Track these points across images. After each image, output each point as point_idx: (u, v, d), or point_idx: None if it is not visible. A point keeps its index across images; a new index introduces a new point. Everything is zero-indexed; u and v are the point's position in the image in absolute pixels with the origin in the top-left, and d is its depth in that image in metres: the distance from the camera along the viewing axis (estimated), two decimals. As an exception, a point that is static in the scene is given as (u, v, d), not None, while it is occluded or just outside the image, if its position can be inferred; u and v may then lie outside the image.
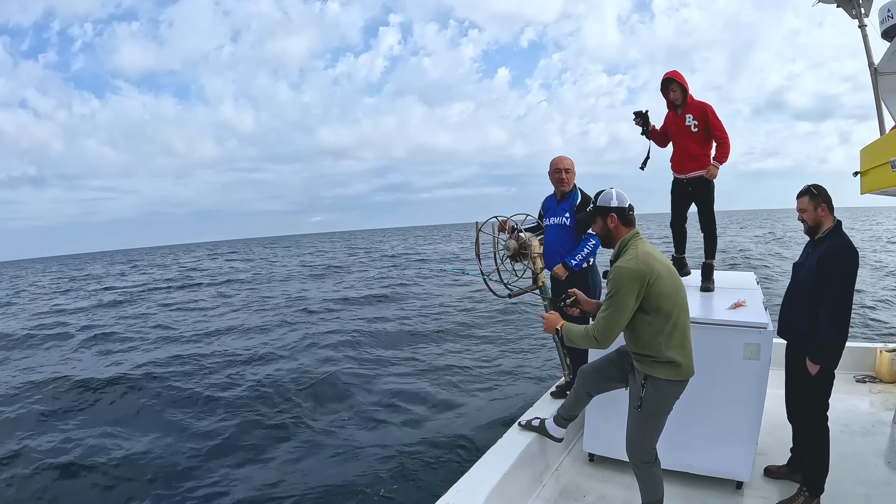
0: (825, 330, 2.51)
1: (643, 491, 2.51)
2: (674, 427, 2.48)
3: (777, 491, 2.85)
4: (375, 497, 4.52)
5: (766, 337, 2.71)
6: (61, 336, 13.29)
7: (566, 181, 3.56)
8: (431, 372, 8.21)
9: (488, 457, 2.89)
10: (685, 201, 3.82)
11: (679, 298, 2.33)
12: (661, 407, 2.38)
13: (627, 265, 2.24)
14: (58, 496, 4.99)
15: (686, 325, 2.36)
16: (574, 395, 2.83)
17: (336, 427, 6.19)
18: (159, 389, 7.77)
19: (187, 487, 4.91)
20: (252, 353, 9.73)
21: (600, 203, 2.44)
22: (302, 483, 4.84)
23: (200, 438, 5.99)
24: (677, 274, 2.42)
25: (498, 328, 11.16)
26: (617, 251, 2.40)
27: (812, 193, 2.64)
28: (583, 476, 3.15)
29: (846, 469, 2.97)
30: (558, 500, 2.93)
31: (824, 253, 2.54)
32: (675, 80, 3.62)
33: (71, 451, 5.77)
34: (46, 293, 27.78)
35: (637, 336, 2.32)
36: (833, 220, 2.64)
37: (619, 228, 2.40)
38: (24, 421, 6.96)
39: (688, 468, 2.92)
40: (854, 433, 3.48)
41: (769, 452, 3.14)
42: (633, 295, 2.21)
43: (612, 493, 2.95)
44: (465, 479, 2.67)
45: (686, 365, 2.33)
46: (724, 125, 3.59)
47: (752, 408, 2.75)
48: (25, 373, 9.59)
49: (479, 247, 3.82)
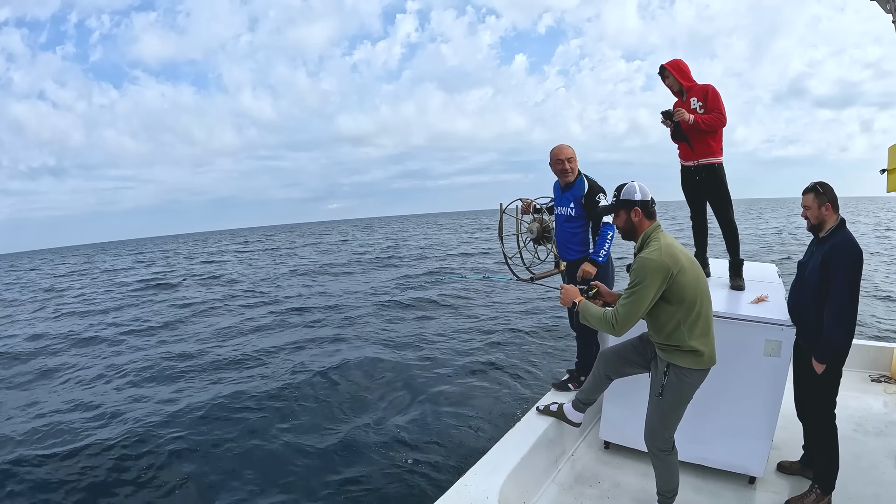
0: (830, 329, 2.52)
1: (659, 479, 2.57)
2: (690, 419, 2.52)
3: (789, 486, 2.90)
4: (394, 478, 4.62)
5: (788, 334, 2.71)
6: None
7: (570, 171, 3.45)
8: (449, 356, 8.30)
9: (506, 440, 2.96)
10: (697, 192, 3.71)
11: (702, 288, 2.37)
12: (683, 395, 2.43)
13: (652, 256, 2.27)
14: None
15: (709, 314, 2.41)
16: (593, 378, 2.87)
17: (352, 413, 6.30)
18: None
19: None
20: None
21: (624, 197, 2.45)
22: (318, 473, 4.92)
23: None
24: (699, 264, 2.45)
25: (514, 313, 11.19)
26: (640, 244, 2.42)
27: (817, 191, 2.63)
28: (598, 462, 3.22)
29: (858, 468, 3.01)
30: (573, 485, 2.99)
31: (828, 251, 2.53)
32: (666, 68, 3.56)
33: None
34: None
35: (661, 325, 2.36)
36: (837, 219, 2.63)
37: (643, 221, 2.43)
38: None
39: (702, 461, 2.96)
40: (867, 433, 3.49)
41: (783, 447, 3.18)
42: (656, 287, 2.25)
43: (626, 481, 3.01)
44: (483, 461, 2.74)
45: (708, 354, 2.38)
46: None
47: (769, 404, 2.77)
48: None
49: (502, 228, 3.83)
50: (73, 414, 6.80)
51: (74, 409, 6.98)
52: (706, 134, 3.50)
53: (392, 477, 4.64)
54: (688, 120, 3.42)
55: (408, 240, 43.35)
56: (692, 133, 3.52)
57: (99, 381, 8.32)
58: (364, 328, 10.57)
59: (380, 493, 4.43)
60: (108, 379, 8.36)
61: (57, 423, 6.43)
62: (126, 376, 8.36)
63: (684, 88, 3.56)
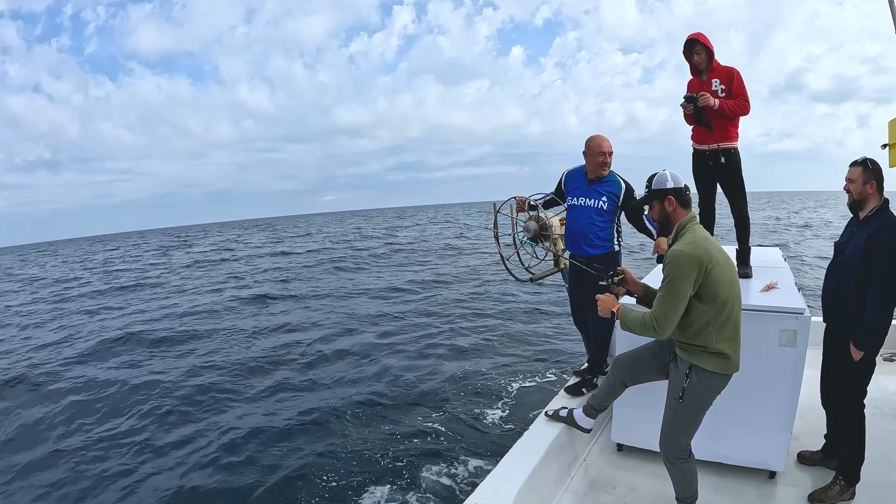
0: (873, 315, 2.41)
1: (677, 486, 2.46)
2: (707, 417, 2.40)
3: (811, 479, 2.80)
4: (402, 491, 4.51)
5: (803, 323, 2.60)
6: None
7: (608, 164, 3.35)
8: (449, 359, 8.21)
9: (515, 451, 2.83)
10: (709, 177, 3.58)
11: (735, 289, 2.25)
12: (704, 400, 2.31)
13: (686, 249, 2.15)
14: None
15: (738, 318, 2.28)
16: (607, 384, 2.76)
17: (351, 416, 6.23)
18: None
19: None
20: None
21: (656, 186, 2.34)
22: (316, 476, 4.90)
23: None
24: (734, 264, 2.34)
25: (518, 313, 11.11)
26: (674, 235, 2.30)
27: (866, 166, 2.52)
28: (612, 467, 3.11)
29: (879, 454, 2.91)
30: (588, 492, 2.88)
31: (873, 234, 2.42)
32: (700, 42, 3.35)
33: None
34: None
35: (689, 323, 2.23)
36: (880, 199, 2.52)
37: (678, 211, 2.31)
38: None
39: (721, 458, 2.86)
40: (885, 416, 3.40)
41: (801, 437, 3.08)
42: (691, 280, 2.13)
43: (643, 484, 2.90)
44: (494, 475, 2.62)
45: (734, 359, 2.27)
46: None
47: (787, 396, 2.67)
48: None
49: (497, 229, 3.72)
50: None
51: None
52: (726, 119, 3.36)
53: (398, 496, 4.49)
54: (713, 105, 3.27)
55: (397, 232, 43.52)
56: (713, 118, 3.38)
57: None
58: (357, 332, 10.48)
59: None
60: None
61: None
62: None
63: (710, 67, 3.40)
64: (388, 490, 4.54)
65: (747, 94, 3.35)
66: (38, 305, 17.32)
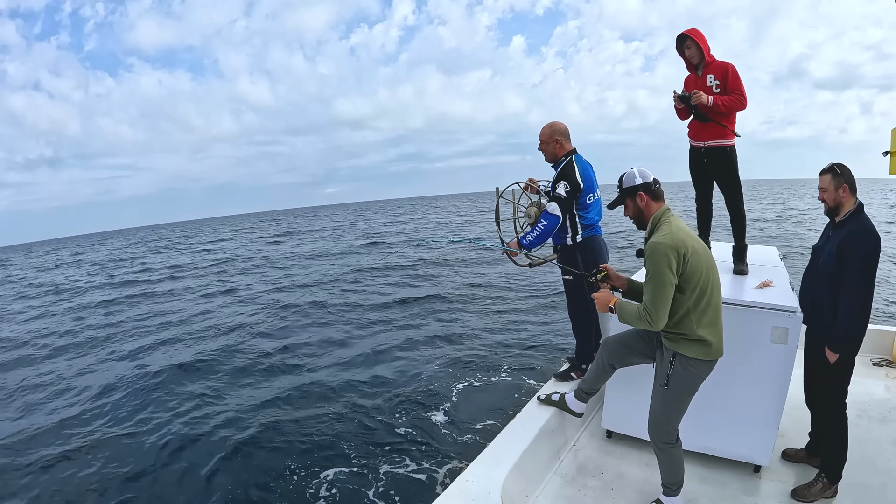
0: (845, 319, 2.45)
1: (664, 472, 2.51)
2: (695, 408, 2.46)
3: (794, 475, 2.86)
4: (392, 476, 4.53)
5: (795, 321, 2.64)
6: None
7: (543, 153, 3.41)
8: (445, 342, 8.27)
9: (507, 432, 2.89)
10: (705, 174, 3.57)
11: (713, 276, 2.31)
12: (688, 386, 2.37)
13: (663, 240, 2.22)
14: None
15: (718, 304, 2.35)
16: (596, 367, 2.80)
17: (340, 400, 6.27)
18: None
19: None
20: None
21: (625, 185, 2.42)
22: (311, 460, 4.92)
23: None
24: (710, 252, 2.38)
25: (513, 297, 11.14)
26: (650, 229, 2.36)
27: (834, 172, 2.53)
28: (601, 453, 3.16)
29: (863, 456, 2.97)
30: (576, 476, 2.94)
31: (845, 237, 2.44)
32: (690, 37, 3.33)
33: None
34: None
35: (670, 313, 2.28)
36: (855, 202, 2.53)
37: (650, 205, 2.38)
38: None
39: (707, 450, 2.91)
40: (871, 419, 3.45)
41: (788, 434, 3.13)
42: (672, 268, 2.19)
43: (630, 471, 2.96)
44: (484, 455, 2.67)
45: (716, 345, 2.32)
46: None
47: (775, 393, 2.71)
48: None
49: (499, 214, 3.73)
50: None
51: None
52: (721, 115, 3.33)
53: (390, 475, 4.53)
54: (706, 102, 3.26)
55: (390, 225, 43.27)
56: (709, 114, 3.35)
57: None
58: (348, 320, 10.50)
59: (378, 492, 4.33)
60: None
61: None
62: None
63: (704, 63, 3.37)
64: (374, 477, 4.57)
65: (743, 88, 3.31)
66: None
